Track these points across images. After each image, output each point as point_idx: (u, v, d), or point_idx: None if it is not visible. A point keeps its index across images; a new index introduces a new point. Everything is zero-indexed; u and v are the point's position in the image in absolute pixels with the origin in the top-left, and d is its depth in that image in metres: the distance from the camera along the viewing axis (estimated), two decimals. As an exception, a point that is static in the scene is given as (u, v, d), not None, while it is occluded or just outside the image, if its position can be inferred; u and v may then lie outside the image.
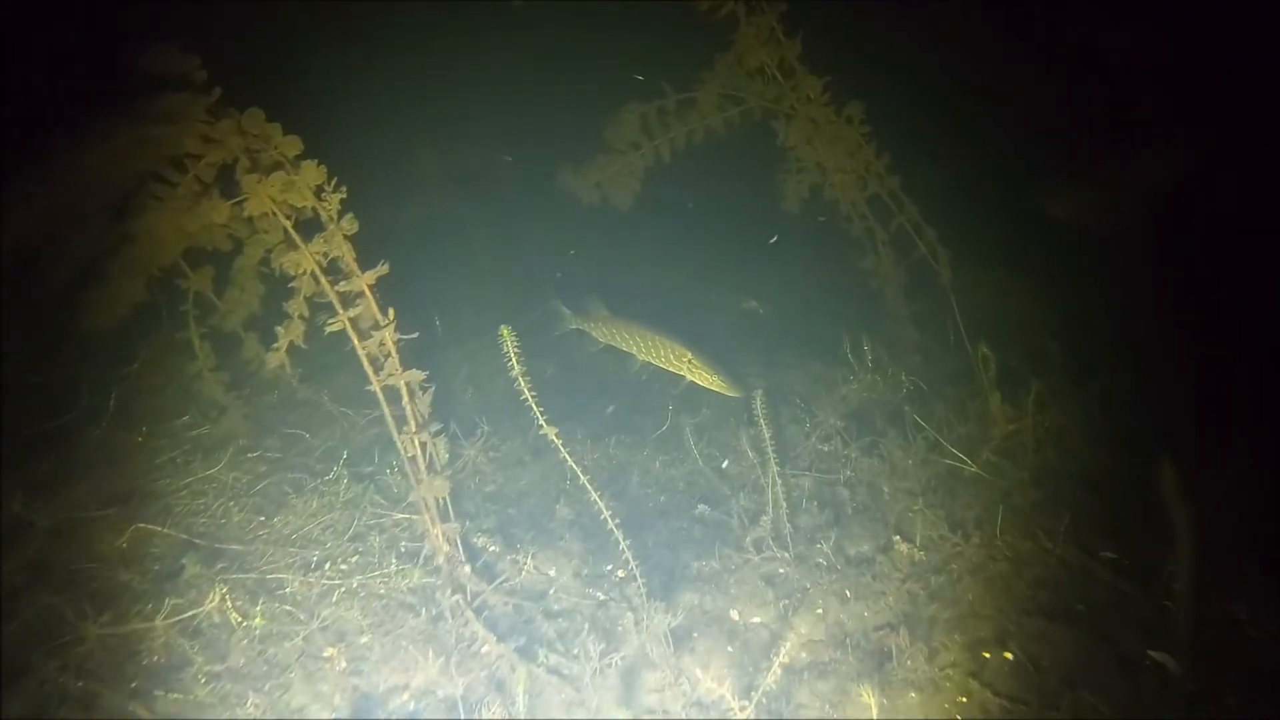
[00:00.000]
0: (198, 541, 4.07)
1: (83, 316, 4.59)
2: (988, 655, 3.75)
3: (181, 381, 5.25)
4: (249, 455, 4.93)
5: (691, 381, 5.71)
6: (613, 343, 6.12)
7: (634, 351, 5.98)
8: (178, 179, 3.86)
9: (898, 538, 4.38)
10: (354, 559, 4.05)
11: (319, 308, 3.77)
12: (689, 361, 5.66)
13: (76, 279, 4.54)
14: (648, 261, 8.64)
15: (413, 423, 3.54)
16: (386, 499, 4.52)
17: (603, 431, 5.54)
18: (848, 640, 3.80)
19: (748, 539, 4.41)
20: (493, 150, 10.33)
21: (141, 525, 4.05)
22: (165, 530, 4.04)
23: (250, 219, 3.92)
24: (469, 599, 3.77)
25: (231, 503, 4.39)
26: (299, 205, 3.59)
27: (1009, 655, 3.76)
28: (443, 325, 6.73)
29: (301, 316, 3.71)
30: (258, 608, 3.70)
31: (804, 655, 3.77)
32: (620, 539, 3.66)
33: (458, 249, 8.54)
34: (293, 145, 3.68)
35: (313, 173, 3.57)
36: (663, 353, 5.80)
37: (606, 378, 6.23)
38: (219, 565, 3.91)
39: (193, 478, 4.58)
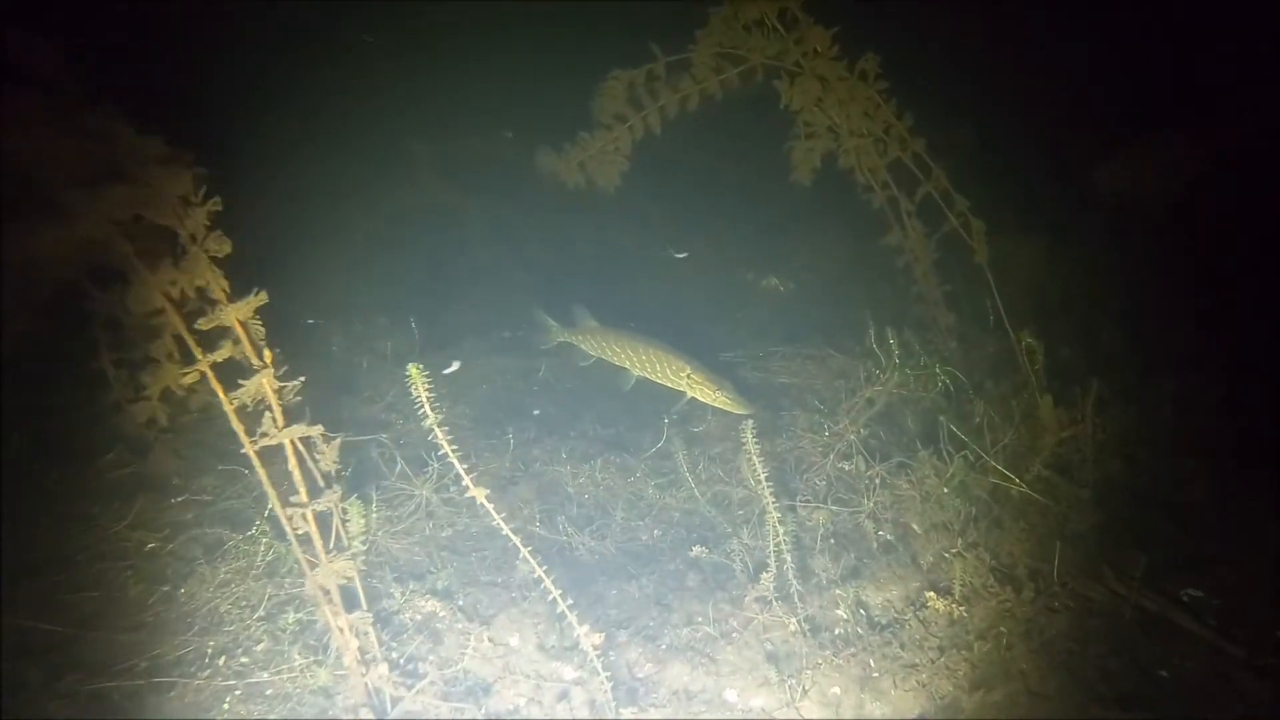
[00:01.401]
0: (70, 633, 3.32)
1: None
2: (1050, 756, 2.97)
3: (105, 414, 4.57)
4: (174, 501, 4.23)
5: (693, 398, 4.97)
6: (604, 357, 5.40)
7: (628, 366, 5.25)
8: (23, 196, 3.13)
9: (932, 593, 3.58)
10: (259, 647, 3.29)
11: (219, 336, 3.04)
12: (689, 376, 4.93)
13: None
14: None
15: (303, 491, 2.79)
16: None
17: (591, 450, 4.82)
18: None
19: (750, 594, 3.64)
20: (491, 128, 9.59)
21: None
22: (31, 623, 3.33)
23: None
24: (386, 709, 3.04)
25: (130, 572, 3.68)
26: (159, 224, 2.84)
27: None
28: (435, 327, 6.06)
29: (170, 357, 2.98)
30: (108, 742, 2.95)
31: (815, 757, 3.02)
32: (575, 625, 2.93)
33: (449, 240, 7.80)
34: (152, 147, 2.92)
35: (172, 182, 2.81)
36: (659, 367, 5.07)
37: (604, 381, 5.48)
38: (72, 676, 3.11)
39: (97, 538, 3.88)
